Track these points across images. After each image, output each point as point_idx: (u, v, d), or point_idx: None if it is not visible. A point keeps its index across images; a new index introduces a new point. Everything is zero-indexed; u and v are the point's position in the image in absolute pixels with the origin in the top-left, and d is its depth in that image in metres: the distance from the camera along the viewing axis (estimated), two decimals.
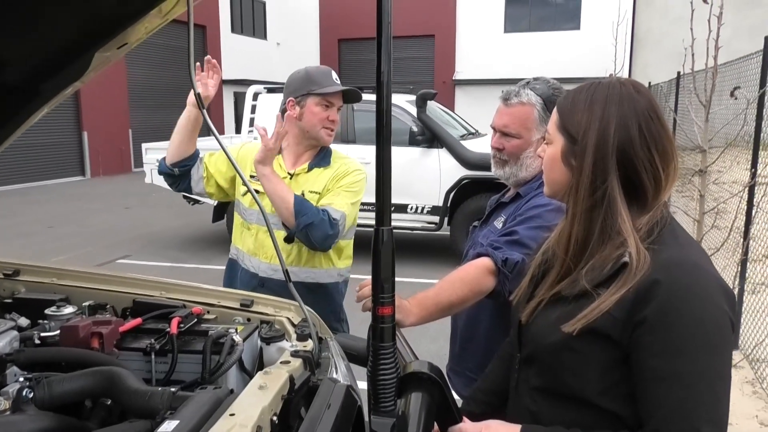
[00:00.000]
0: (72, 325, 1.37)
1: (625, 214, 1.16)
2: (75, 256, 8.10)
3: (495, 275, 1.68)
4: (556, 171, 1.26)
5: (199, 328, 1.51)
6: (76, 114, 17.24)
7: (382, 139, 1.02)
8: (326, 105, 2.33)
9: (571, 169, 1.22)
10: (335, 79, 2.36)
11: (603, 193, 1.16)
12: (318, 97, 2.32)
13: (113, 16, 1.38)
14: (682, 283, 1.10)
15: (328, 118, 2.34)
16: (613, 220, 1.16)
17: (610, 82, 1.24)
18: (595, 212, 1.18)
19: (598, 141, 1.17)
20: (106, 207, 12.35)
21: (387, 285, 1.09)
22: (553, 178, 1.28)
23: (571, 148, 1.22)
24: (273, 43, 25.48)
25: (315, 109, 2.32)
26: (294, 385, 1.24)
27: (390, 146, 1.04)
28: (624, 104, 1.18)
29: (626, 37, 18.81)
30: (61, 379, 1.19)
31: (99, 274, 1.77)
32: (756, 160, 4.37)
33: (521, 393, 1.35)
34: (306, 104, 2.33)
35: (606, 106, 1.18)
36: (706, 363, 1.07)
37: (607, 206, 1.16)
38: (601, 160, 1.16)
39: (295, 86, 2.36)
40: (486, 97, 23.75)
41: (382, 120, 1.01)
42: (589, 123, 1.19)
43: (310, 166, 2.39)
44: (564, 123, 1.24)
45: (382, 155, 1.02)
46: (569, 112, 1.24)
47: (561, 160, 1.24)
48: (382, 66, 1.00)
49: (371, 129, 7.72)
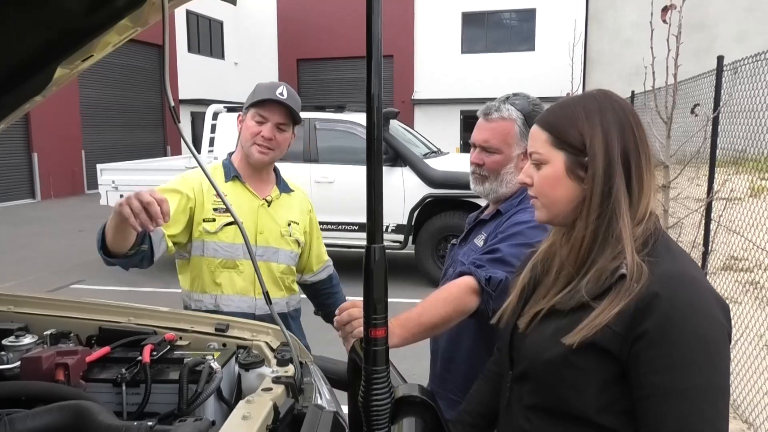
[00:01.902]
0: (34, 356, 1.27)
1: (627, 219, 1.17)
2: (26, 282, 7.76)
3: (478, 294, 1.64)
4: (561, 188, 1.24)
5: (173, 355, 1.42)
6: (26, 134, 16.68)
7: (372, 158, 0.99)
8: (260, 120, 2.10)
9: (580, 181, 1.22)
10: (279, 93, 2.10)
11: (610, 199, 1.18)
12: (253, 110, 2.12)
13: (79, 27, 1.30)
14: (682, 296, 1.09)
15: (260, 134, 2.10)
16: (615, 225, 1.17)
17: (593, 94, 1.26)
18: (602, 219, 1.19)
19: (605, 147, 1.19)
20: (59, 230, 11.91)
21: (380, 305, 1.04)
22: (557, 196, 1.25)
23: (576, 160, 1.22)
24: (231, 63, 25.30)
25: (249, 123, 2.12)
26: (278, 414, 1.17)
27: (381, 165, 1.01)
28: (617, 112, 1.22)
29: (580, 58, 19.37)
30: (24, 416, 1.08)
31: (60, 300, 1.66)
32: (712, 177, 4.51)
33: (514, 412, 1.31)
34: (245, 119, 2.16)
35: (602, 114, 1.21)
36: (707, 378, 1.06)
37: (612, 211, 1.17)
38: (609, 166, 1.18)
39: (247, 101, 2.19)
40: (444, 116, 24.07)
41: (373, 139, 0.98)
42: (592, 131, 1.20)
43: (280, 191, 2.26)
44: (562, 137, 1.24)
45: (373, 174, 0.99)
46: (564, 126, 1.24)
47: (566, 176, 1.23)
48: (373, 87, 0.97)
49: (334, 148, 7.81)
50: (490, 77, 22.98)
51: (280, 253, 2.18)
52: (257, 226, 2.13)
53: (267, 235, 2.15)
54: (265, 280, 2.03)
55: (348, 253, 6.95)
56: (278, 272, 2.19)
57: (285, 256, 2.21)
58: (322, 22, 25.08)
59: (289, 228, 2.22)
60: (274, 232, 2.16)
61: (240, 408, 1.14)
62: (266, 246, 2.15)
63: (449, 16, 24.20)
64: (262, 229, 2.14)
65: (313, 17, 25.38)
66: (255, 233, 2.12)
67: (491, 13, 24.09)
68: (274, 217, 2.18)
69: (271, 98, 2.08)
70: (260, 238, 2.13)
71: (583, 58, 21.98)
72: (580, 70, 18.85)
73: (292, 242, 2.22)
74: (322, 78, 25.92)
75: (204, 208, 2.09)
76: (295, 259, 2.27)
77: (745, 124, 4.45)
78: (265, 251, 2.14)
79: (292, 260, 2.24)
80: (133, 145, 19.98)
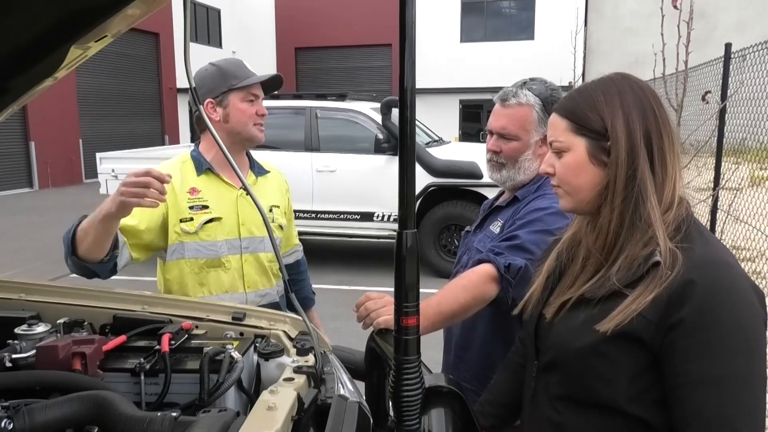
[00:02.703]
0: (50, 344, 1.23)
1: (655, 202, 1.15)
2: (24, 271, 7.72)
3: (497, 282, 1.62)
4: (584, 175, 1.23)
5: (191, 344, 1.38)
6: (23, 123, 16.57)
7: (405, 144, 0.96)
8: (251, 99, 2.06)
9: (604, 166, 1.20)
10: (251, 69, 2.10)
11: (635, 182, 1.16)
12: (242, 92, 2.04)
13: (93, 5, 1.26)
14: (718, 283, 1.07)
15: (257, 113, 2.07)
16: (643, 209, 1.15)
17: (611, 77, 1.24)
18: (627, 203, 1.16)
19: (628, 129, 1.17)
20: (57, 219, 11.82)
21: (412, 293, 1.01)
22: (581, 183, 1.23)
23: (598, 145, 1.20)
24: (228, 52, 25.09)
25: (241, 105, 2.04)
26: (303, 405, 1.15)
27: (414, 154, 0.98)
28: (637, 94, 1.20)
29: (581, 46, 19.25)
30: (44, 407, 1.05)
31: (72, 289, 1.62)
32: (719, 166, 4.48)
33: (540, 403, 1.28)
34: (229, 103, 2.04)
35: (622, 97, 1.19)
36: (745, 366, 1.04)
37: (638, 195, 1.15)
38: (632, 149, 1.16)
39: (210, 85, 2.04)
40: (443, 105, 23.97)
41: (406, 127, 0.95)
42: (613, 115, 1.18)
43: (256, 175, 2.18)
44: (583, 123, 1.22)
45: (406, 160, 0.96)
46: (583, 111, 1.22)
47: (589, 162, 1.21)
48: (406, 73, 0.93)
49: (335, 137, 7.76)
50: (490, 66, 22.89)
51: (266, 241, 2.07)
52: (239, 217, 2.04)
53: (249, 225, 2.06)
54: (253, 272, 2.06)
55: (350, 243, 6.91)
56: (266, 261, 2.10)
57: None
58: (321, 11, 24.90)
59: (272, 213, 2.15)
60: (256, 220, 2.05)
61: (264, 398, 1.11)
62: (251, 237, 2.06)
63: (448, 4, 24.06)
64: (244, 220, 2.05)
65: (311, 6, 25.20)
66: (237, 225, 2.03)
67: (490, 1, 23.98)
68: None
69: (260, 78, 2.07)
70: (243, 229, 2.05)
71: (584, 47, 21.90)
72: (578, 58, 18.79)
73: (275, 228, 2.14)
74: (320, 67, 25.78)
75: (179, 207, 1.97)
76: (280, 245, 2.19)
77: (747, 113, 4.43)
78: (250, 242, 2.06)
79: (277, 246, 2.14)
80: (130, 134, 19.87)
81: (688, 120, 4.54)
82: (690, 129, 4.02)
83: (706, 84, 5.01)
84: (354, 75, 24.51)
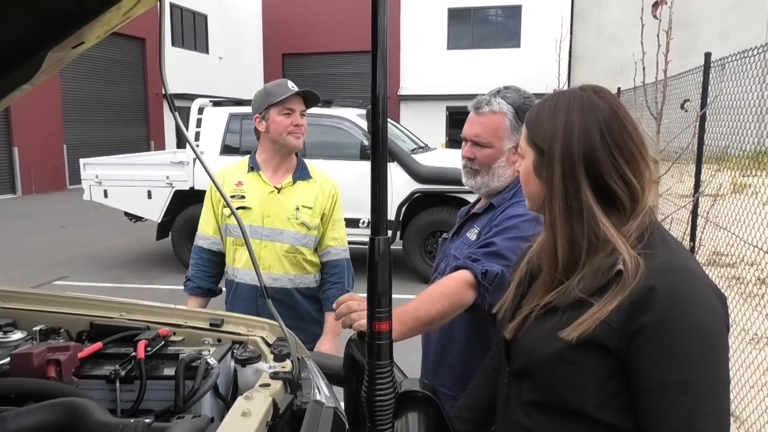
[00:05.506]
0: (24, 352, 1.23)
1: (606, 221, 1.14)
2: (7, 278, 7.62)
3: (475, 288, 1.63)
4: (531, 184, 1.25)
5: (167, 351, 1.39)
6: (6, 128, 16.41)
7: (378, 151, 0.98)
8: (287, 112, 2.46)
9: (544, 181, 1.20)
10: (291, 87, 2.49)
11: (578, 202, 1.15)
12: (278, 107, 2.46)
13: (70, 12, 1.26)
14: (679, 289, 1.07)
15: (291, 124, 2.47)
16: (597, 229, 1.14)
17: (572, 90, 1.23)
18: (575, 222, 1.15)
19: (564, 150, 1.16)
20: (41, 226, 11.73)
21: (384, 298, 1.02)
22: (530, 192, 1.27)
23: (540, 160, 1.21)
24: (215, 57, 25.04)
25: (278, 118, 2.46)
26: (278, 410, 1.15)
27: (386, 160, 1.00)
28: (585, 111, 1.17)
29: (566, 54, 19.44)
30: (16, 414, 1.05)
31: (49, 295, 1.62)
32: (699, 173, 4.54)
33: (513, 408, 1.29)
34: (269, 117, 2.47)
35: (568, 114, 1.18)
36: (709, 370, 1.05)
37: (586, 216, 1.14)
38: (569, 169, 1.15)
39: (257, 104, 2.50)
40: (430, 112, 24.07)
41: (378, 134, 0.96)
42: (554, 133, 1.18)
43: (294, 178, 2.53)
44: (531, 135, 1.24)
45: (378, 167, 0.97)
46: (535, 124, 1.23)
47: (533, 173, 1.23)
48: (378, 80, 0.95)
49: (321, 143, 7.76)
50: (476, 73, 23.03)
51: (285, 233, 2.47)
52: (265, 209, 2.47)
53: (273, 218, 2.47)
54: (269, 257, 2.48)
55: None
56: (282, 251, 2.47)
57: (289, 236, 2.48)
58: (308, 17, 24.93)
59: (297, 212, 2.49)
60: (280, 215, 2.46)
61: (239, 404, 1.11)
62: (272, 228, 2.47)
63: (435, 11, 24.19)
64: (269, 212, 2.47)
65: (298, 12, 25.23)
66: (263, 216, 2.46)
67: (477, 9, 24.13)
68: (283, 202, 2.48)
69: (291, 93, 2.45)
70: (267, 220, 2.46)
71: (569, 55, 22.11)
72: (566, 66, 18.96)
73: (298, 224, 2.49)
74: (307, 73, 25.75)
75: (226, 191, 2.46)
76: (301, 240, 2.50)
77: (728, 122, 4.49)
78: (271, 232, 2.47)
79: (297, 241, 2.50)
80: (115, 139, 19.72)
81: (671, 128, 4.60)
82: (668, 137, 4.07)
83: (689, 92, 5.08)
84: (340, 81, 24.50)
